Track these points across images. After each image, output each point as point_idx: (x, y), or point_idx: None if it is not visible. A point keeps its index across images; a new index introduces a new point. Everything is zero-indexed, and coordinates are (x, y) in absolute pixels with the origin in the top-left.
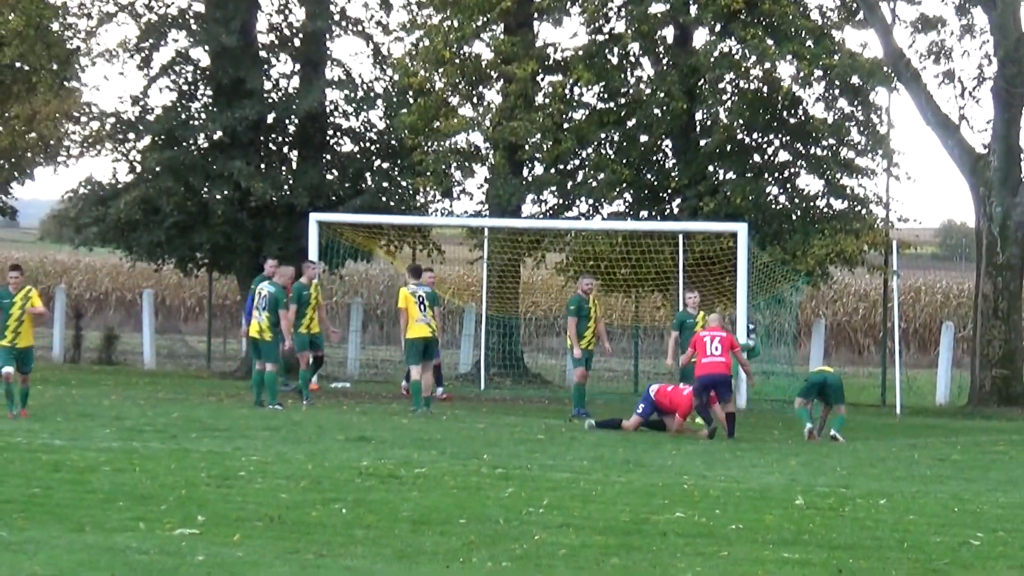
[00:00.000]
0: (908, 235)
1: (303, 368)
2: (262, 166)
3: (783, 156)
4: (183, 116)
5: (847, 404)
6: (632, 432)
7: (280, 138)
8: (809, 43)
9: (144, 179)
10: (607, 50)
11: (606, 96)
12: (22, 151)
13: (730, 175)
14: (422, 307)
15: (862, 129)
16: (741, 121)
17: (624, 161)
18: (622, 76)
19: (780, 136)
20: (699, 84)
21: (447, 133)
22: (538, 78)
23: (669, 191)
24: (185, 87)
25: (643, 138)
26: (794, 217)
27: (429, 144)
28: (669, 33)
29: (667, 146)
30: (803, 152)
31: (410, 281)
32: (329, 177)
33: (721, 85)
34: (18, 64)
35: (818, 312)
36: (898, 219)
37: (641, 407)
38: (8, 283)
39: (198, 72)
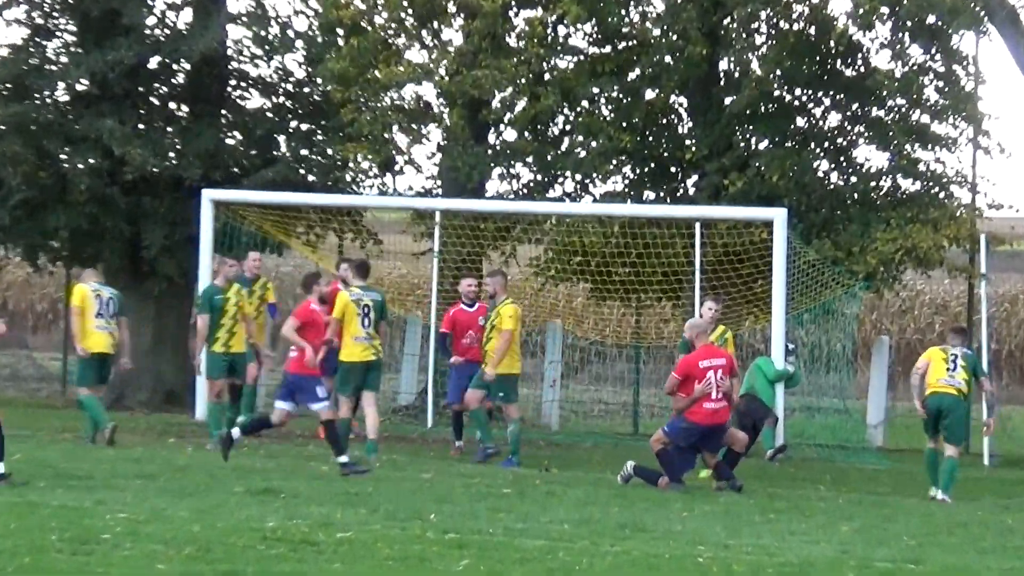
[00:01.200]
0: (1002, 227)
1: (212, 400)
2: (140, 127)
3: (835, 120)
4: (36, 59)
5: None
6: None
7: (165, 90)
8: None
9: None
10: None
11: (601, 38)
12: None
13: (764, 144)
14: (365, 320)
15: (941, 86)
16: (779, 73)
17: (624, 124)
18: (622, 12)
19: (831, 94)
20: (724, 23)
21: (388, 84)
22: (511, 13)
23: (683, 165)
24: (40, 21)
25: (649, 94)
26: (850, 201)
27: (364, 99)
28: None
29: (681, 105)
30: (862, 115)
31: (353, 282)
32: (230, 142)
33: (754, 25)
34: None
35: (881, 327)
36: (989, 205)
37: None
38: None
39: (58, 2)
